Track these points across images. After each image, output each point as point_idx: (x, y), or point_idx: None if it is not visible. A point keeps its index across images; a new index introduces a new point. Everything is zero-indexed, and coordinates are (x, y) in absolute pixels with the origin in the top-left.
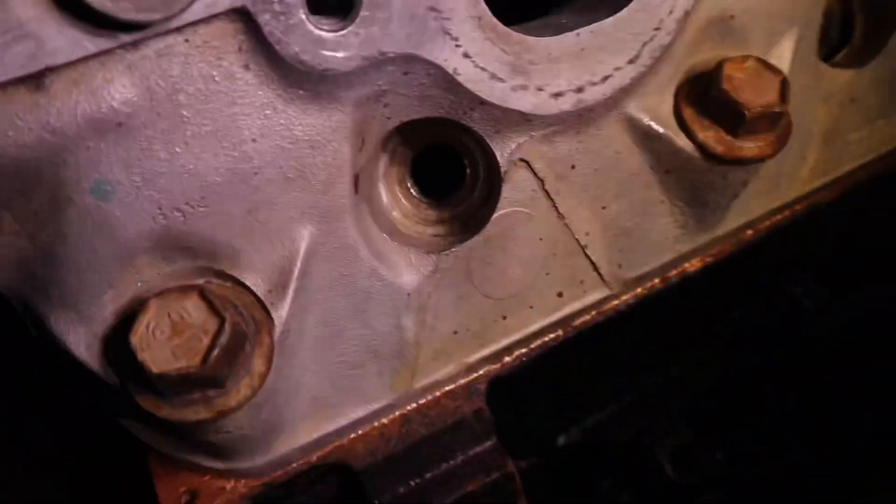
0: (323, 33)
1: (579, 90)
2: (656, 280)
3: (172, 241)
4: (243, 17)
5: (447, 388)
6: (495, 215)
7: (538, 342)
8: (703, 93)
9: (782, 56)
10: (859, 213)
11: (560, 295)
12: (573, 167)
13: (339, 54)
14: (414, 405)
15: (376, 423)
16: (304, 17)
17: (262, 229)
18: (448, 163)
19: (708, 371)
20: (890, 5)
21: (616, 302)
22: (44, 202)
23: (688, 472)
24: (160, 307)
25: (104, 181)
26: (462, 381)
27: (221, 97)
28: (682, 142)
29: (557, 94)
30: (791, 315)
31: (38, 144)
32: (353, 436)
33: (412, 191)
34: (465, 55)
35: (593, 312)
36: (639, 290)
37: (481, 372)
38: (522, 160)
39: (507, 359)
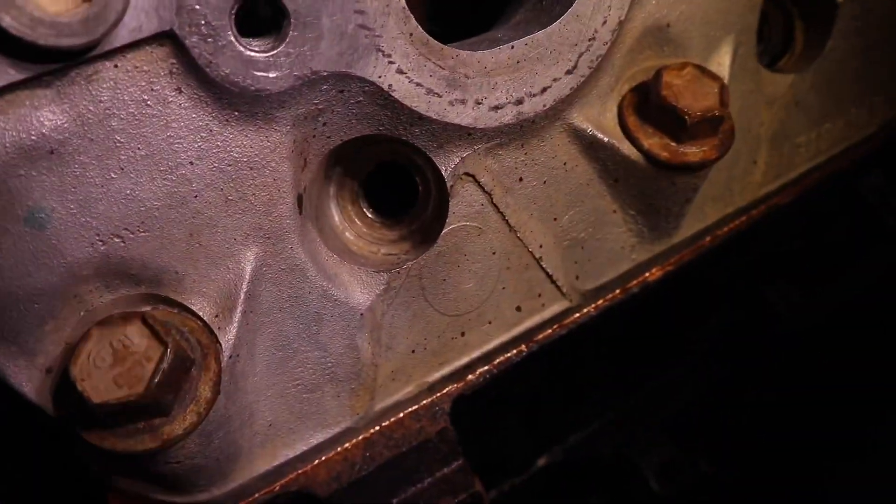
0: (253, 54)
1: (519, 102)
2: (616, 291)
3: (114, 268)
4: (172, 40)
5: (409, 410)
6: (445, 230)
7: (500, 358)
8: (644, 101)
9: (721, 63)
10: (818, 213)
11: (518, 309)
12: (520, 180)
13: (271, 74)
14: (376, 428)
15: (339, 448)
16: (232, 38)
17: (205, 253)
18: (402, 181)
19: (687, 381)
20: (825, 13)
21: (577, 315)
22: None
23: (673, 484)
24: (101, 335)
25: (38, 209)
26: (424, 402)
27: (155, 121)
28: (628, 150)
29: (497, 107)
30: (765, 318)
31: None
32: (315, 462)
33: (366, 211)
34: (399, 71)
35: (555, 326)
36: (600, 301)
37: (443, 391)
38: (468, 174)
39: (469, 377)
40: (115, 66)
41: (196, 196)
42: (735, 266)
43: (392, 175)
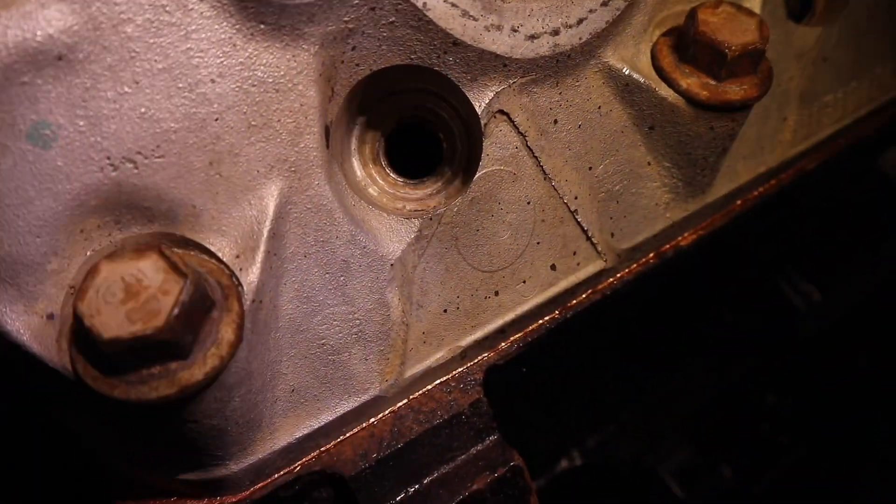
0: None
1: (555, 33)
2: (651, 254)
3: (125, 199)
4: None
5: (440, 379)
6: (478, 174)
7: (534, 324)
8: (678, 41)
9: (752, 8)
10: (841, 190)
11: (553, 268)
12: (555, 122)
13: None
14: (405, 400)
15: (365, 423)
16: None
17: (226, 185)
18: (424, 142)
19: (706, 379)
20: None
21: (611, 279)
22: None
23: (695, 489)
24: (112, 269)
25: (43, 124)
26: (455, 371)
27: (174, 30)
28: (665, 91)
29: (533, 37)
30: (783, 315)
31: None
32: (340, 438)
33: (388, 171)
34: None
35: (588, 290)
36: (633, 265)
37: (476, 360)
38: (502, 112)
39: (502, 344)
40: None
41: (217, 119)
42: (762, 250)
43: (414, 136)
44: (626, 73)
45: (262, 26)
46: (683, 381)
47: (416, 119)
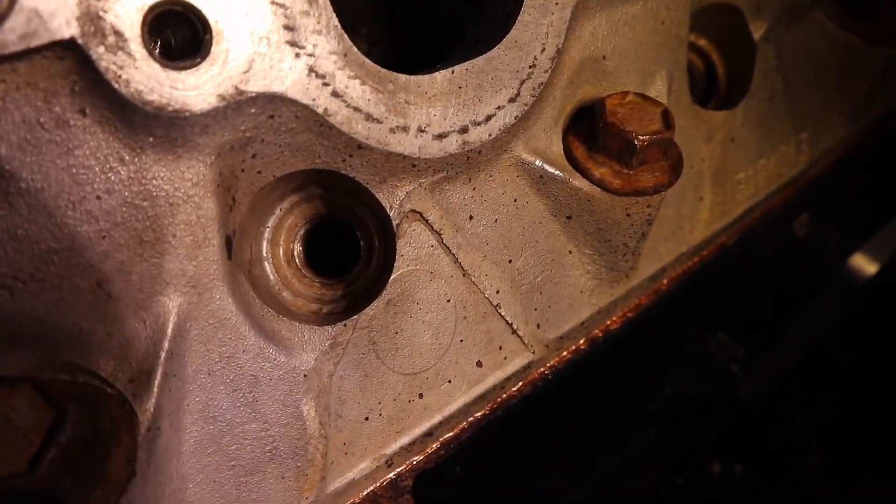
0: (170, 70)
1: (463, 130)
2: (581, 341)
3: (0, 328)
4: (73, 51)
5: (367, 490)
6: (393, 276)
7: (464, 422)
8: (590, 131)
9: (659, 96)
10: (759, 257)
11: (479, 364)
12: (471, 218)
13: (191, 92)
14: None
15: None
16: (145, 49)
17: (116, 305)
18: (343, 237)
19: (652, 454)
20: (744, 54)
21: (542, 369)
22: None
23: None
24: None
25: None
26: (383, 479)
27: (53, 147)
28: (579, 182)
29: (441, 136)
30: (721, 381)
31: None
32: None
33: (303, 270)
34: (335, 94)
35: (519, 383)
36: (564, 353)
37: (404, 466)
38: (414, 211)
39: (433, 445)
40: (3, 81)
41: (104, 237)
42: (691, 319)
43: (332, 231)
44: (539, 165)
45: (152, 139)
46: (629, 458)
47: (332, 217)
